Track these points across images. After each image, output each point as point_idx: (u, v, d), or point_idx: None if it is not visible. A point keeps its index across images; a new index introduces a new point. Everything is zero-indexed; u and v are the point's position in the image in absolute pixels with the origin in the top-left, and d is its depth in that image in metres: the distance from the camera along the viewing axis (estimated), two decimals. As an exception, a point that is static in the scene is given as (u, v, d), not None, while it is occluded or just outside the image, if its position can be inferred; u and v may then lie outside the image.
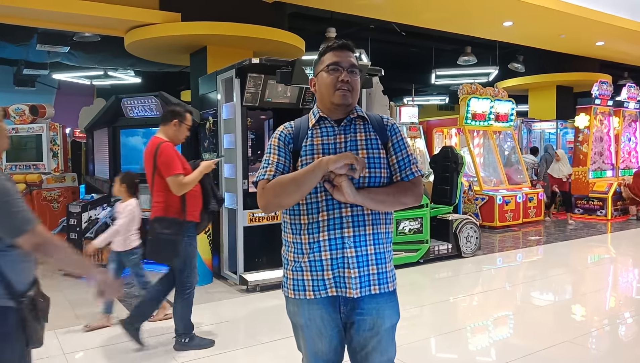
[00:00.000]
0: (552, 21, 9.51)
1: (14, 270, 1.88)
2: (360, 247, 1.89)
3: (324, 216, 1.89)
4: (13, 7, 6.65)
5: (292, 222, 1.96)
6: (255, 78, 5.64)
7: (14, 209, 1.82)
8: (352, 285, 1.88)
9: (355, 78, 1.96)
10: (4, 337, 1.88)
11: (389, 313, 1.96)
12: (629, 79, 15.72)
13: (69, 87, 14.96)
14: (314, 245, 1.90)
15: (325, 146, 1.94)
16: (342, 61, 1.94)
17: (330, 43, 2.00)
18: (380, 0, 8.10)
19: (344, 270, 1.88)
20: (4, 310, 1.86)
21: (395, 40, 12.77)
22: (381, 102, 6.61)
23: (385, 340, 1.96)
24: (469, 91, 10.37)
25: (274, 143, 1.98)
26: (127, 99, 6.96)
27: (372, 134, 1.98)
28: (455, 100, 12.36)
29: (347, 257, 1.88)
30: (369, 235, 1.91)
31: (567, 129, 13.27)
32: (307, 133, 1.97)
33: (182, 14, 7.51)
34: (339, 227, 1.88)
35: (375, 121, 2.01)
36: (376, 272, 1.92)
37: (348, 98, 1.93)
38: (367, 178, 1.90)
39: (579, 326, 4.64)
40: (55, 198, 8.05)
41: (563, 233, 9.34)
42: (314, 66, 2.05)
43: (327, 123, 1.97)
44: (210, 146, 6.28)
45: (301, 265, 1.93)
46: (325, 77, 1.95)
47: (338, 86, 1.92)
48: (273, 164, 1.93)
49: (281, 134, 2.00)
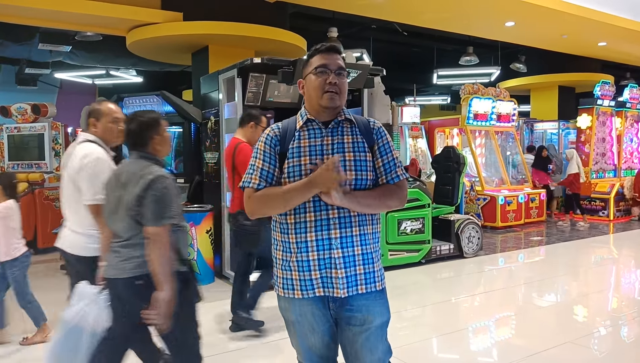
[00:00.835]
0: (554, 21, 9.50)
1: (181, 242, 2.51)
2: (347, 248, 1.92)
3: (311, 217, 1.92)
4: (15, 6, 6.66)
5: (281, 222, 2.00)
6: (257, 78, 5.63)
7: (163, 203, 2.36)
8: (340, 285, 1.92)
9: (343, 80, 1.98)
10: (185, 296, 2.44)
11: (378, 310, 1.99)
12: (631, 79, 15.69)
13: (71, 86, 14.97)
14: (302, 244, 1.93)
15: (312, 148, 1.96)
16: (329, 63, 1.96)
17: (318, 46, 2.02)
18: (381, 0, 8.09)
19: (331, 270, 1.92)
20: (179, 274, 2.43)
21: (397, 40, 12.75)
22: (383, 102, 6.59)
23: (374, 337, 1.97)
24: (471, 91, 10.36)
25: (260, 146, 2.01)
26: (128, 98, 6.97)
27: (359, 137, 2.00)
28: (457, 100, 12.36)
29: (334, 258, 1.91)
30: (356, 236, 1.94)
31: (569, 130, 13.24)
32: (295, 135, 1.99)
33: (184, 13, 7.51)
34: (326, 228, 1.91)
35: (362, 124, 2.04)
36: (363, 272, 1.95)
37: (336, 101, 1.96)
38: (353, 180, 1.93)
39: (581, 327, 4.63)
40: (57, 196, 8.01)
41: (565, 234, 9.32)
42: (302, 68, 2.06)
43: (314, 125, 1.99)
44: (212, 146, 6.28)
45: (289, 264, 1.97)
46: (313, 79, 1.97)
47: (326, 88, 1.94)
48: (257, 170, 1.97)
49: (267, 137, 2.02)
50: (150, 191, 2.34)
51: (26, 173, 8.03)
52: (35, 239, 7.79)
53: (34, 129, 8.24)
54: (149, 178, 2.35)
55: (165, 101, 6.72)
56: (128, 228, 2.41)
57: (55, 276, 6.37)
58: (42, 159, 8.19)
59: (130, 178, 2.40)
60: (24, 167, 8.28)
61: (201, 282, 5.77)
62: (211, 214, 5.96)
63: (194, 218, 5.80)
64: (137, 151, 2.51)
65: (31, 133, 8.26)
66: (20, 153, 8.38)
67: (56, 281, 6.16)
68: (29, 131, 8.26)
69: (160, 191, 2.35)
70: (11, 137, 8.38)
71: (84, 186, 2.78)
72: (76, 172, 2.81)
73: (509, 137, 11.47)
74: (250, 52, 7.93)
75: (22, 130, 8.29)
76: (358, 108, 6.32)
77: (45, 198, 7.89)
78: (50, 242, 7.77)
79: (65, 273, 3.25)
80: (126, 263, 2.40)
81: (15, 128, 8.33)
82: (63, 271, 6.44)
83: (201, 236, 5.81)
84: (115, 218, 2.46)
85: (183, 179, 6.86)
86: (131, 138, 2.52)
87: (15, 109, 8.26)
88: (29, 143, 8.34)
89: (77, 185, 2.81)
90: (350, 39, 12.05)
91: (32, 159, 8.28)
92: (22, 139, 8.35)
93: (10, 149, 8.39)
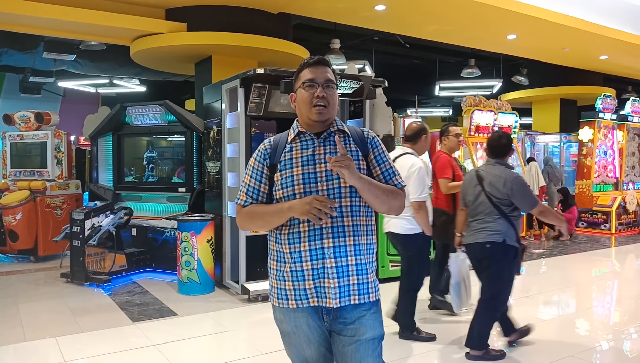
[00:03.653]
0: (556, 35, 9.54)
1: (519, 227, 3.83)
2: (341, 258, 1.92)
3: (304, 227, 1.93)
4: (20, 15, 6.72)
5: (276, 231, 2.01)
6: (260, 88, 5.66)
7: (528, 192, 3.80)
8: (332, 295, 1.91)
9: (332, 93, 1.99)
10: (514, 263, 3.86)
11: (371, 323, 1.97)
12: (632, 93, 15.72)
13: (75, 95, 15.03)
14: (295, 254, 1.93)
15: (304, 158, 1.97)
16: (316, 77, 1.98)
17: (307, 59, 2.04)
18: (384, 13, 8.14)
19: (324, 280, 1.91)
20: (514, 249, 3.77)
21: (399, 52, 12.81)
22: (384, 113, 6.61)
23: (364, 349, 1.95)
24: (473, 103, 10.36)
25: (251, 163, 2.06)
26: (131, 107, 7.00)
27: (353, 146, 2.02)
28: (459, 112, 12.37)
29: (327, 267, 1.91)
30: (350, 246, 1.94)
31: (571, 142, 13.24)
32: (286, 146, 2.00)
33: (187, 24, 7.57)
34: (319, 238, 1.91)
35: (355, 134, 2.06)
36: (356, 283, 1.94)
37: (324, 114, 1.97)
38: (347, 188, 1.93)
39: (582, 341, 4.60)
40: (58, 204, 8.06)
41: (567, 247, 9.29)
42: (293, 82, 2.08)
43: (306, 136, 2.01)
44: (214, 155, 6.29)
45: (283, 274, 1.97)
46: (302, 93, 1.99)
47: (314, 102, 1.96)
48: (245, 187, 2.04)
49: (258, 152, 2.06)
50: (515, 186, 3.72)
51: (28, 181, 8.05)
52: (36, 247, 7.79)
53: (37, 137, 8.27)
54: (512, 177, 3.77)
55: (168, 110, 6.75)
56: (483, 210, 3.79)
57: (55, 284, 6.35)
58: (45, 167, 8.21)
59: (495, 178, 3.79)
60: (26, 175, 8.30)
61: (201, 292, 5.79)
62: (212, 223, 5.96)
63: (195, 227, 5.80)
64: (495, 159, 3.94)
65: (34, 141, 8.29)
66: (22, 160, 8.41)
67: (56, 289, 6.14)
68: (32, 139, 8.29)
69: (521, 185, 3.76)
70: (14, 145, 8.41)
71: (411, 188, 3.97)
72: (406, 177, 3.91)
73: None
74: (253, 62, 7.98)
75: (25, 138, 8.32)
76: (360, 119, 6.34)
77: (47, 205, 7.90)
78: (51, 250, 7.79)
79: None
80: (479, 233, 3.78)
81: (18, 136, 8.36)
82: (63, 279, 6.44)
83: (202, 246, 5.80)
84: (476, 204, 3.86)
85: (184, 189, 6.87)
86: (496, 149, 3.94)
87: (18, 117, 8.29)
88: (31, 151, 8.37)
89: None
90: (352, 50, 12.12)
91: (34, 167, 8.30)
92: (25, 146, 8.38)
93: (12, 156, 8.42)
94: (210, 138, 6.37)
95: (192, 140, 6.83)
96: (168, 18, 7.67)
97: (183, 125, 6.77)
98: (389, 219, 4.27)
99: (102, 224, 6.40)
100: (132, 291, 6.00)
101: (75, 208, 7.26)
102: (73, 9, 6.87)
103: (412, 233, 4.13)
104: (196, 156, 6.87)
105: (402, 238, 4.20)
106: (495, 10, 8.06)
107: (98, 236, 6.32)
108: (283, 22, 8.22)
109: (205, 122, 6.61)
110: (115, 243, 6.51)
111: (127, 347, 4.21)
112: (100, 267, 6.50)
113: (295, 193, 1.93)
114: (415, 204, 4.03)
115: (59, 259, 7.15)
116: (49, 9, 6.74)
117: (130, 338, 4.44)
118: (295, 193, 1.93)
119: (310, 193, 1.91)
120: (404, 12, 8.33)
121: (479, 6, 7.83)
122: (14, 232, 7.64)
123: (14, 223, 7.62)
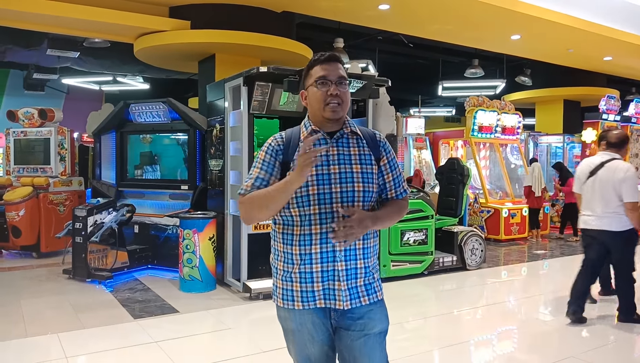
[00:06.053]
0: (560, 35, 9.52)
1: None
2: (350, 261, 1.94)
3: (316, 229, 1.92)
4: (25, 12, 6.74)
5: (284, 232, 1.99)
6: (263, 86, 5.66)
7: None
8: (342, 297, 1.93)
9: (345, 90, 1.97)
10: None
11: (379, 317, 2.00)
12: (636, 94, 15.67)
13: (78, 92, 15.08)
14: (306, 256, 1.93)
15: (317, 157, 1.95)
16: (329, 74, 1.94)
17: (318, 55, 1.99)
18: (387, 12, 8.14)
19: (334, 283, 1.93)
20: None
21: (402, 51, 12.81)
22: (388, 113, 6.60)
23: (372, 342, 1.97)
24: (476, 104, 10.37)
25: (261, 156, 2.00)
26: (135, 104, 7.01)
27: (366, 150, 2.01)
28: (462, 112, 12.36)
29: (338, 270, 1.92)
30: (359, 249, 1.96)
31: (574, 143, 13.22)
32: (299, 145, 1.97)
33: (191, 22, 7.58)
34: (330, 241, 1.91)
35: (368, 137, 2.04)
36: (364, 284, 1.98)
37: (339, 112, 1.95)
38: (361, 192, 1.94)
39: (584, 341, 4.59)
40: (61, 201, 8.08)
41: (569, 248, 9.28)
42: (303, 79, 2.04)
43: (319, 136, 1.98)
44: (216, 153, 6.30)
45: (291, 275, 1.96)
46: (315, 91, 1.95)
47: (328, 100, 1.93)
48: (253, 178, 1.97)
49: (270, 146, 2.01)
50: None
51: (31, 177, 8.07)
52: (39, 243, 7.81)
53: (40, 133, 8.29)
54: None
55: (171, 108, 6.75)
56: None
57: (57, 281, 6.38)
58: (48, 163, 8.23)
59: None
60: (30, 171, 8.32)
61: (203, 289, 5.80)
62: (214, 221, 5.97)
63: (197, 225, 5.81)
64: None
65: (37, 138, 8.32)
66: (26, 157, 8.43)
67: (58, 285, 6.16)
68: (35, 136, 8.32)
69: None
70: (17, 141, 8.43)
71: (624, 190, 4.55)
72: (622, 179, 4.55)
73: (513, 149, 11.45)
74: (256, 61, 7.99)
75: (28, 134, 8.35)
76: (363, 118, 6.34)
77: (50, 202, 7.92)
78: (53, 246, 7.82)
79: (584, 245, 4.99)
80: None
81: (21, 132, 8.38)
82: (65, 275, 6.46)
83: (204, 243, 5.81)
84: None
85: (187, 186, 6.88)
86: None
87: (22, 114, 8.32)
88: (35, 147, 8.39)
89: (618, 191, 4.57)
90: (356, 49, 12.11)
91: (37, 163, 8.32)
92: (29, 143, 8.41)
93: (16, 153, 8.45)
94: (213, 135, 6.37)
95: (195, 138, 6.84)
96: (172, 16, 7.68)
97: (186, 123, 6.78)
98: (600, 220, 4.71)
99: (104, 221, 6.41)
100: (133, 288, 6.02)
101: (78, 205, 7.27)
102: (77, 6, 6.89)
103: (625, 229, 4.65)
104: (199, 154, 6.88)
105: (619, 235, 4.69)
106: (499, 11, 8.05)
107: (100, 233, 6.33)
108: (286, 20, 8.22)
109: (209, 120, 6.62)
110: (117, 240, 6.53)
111: (128, 344, 4.23)
112: (102, 264, 6.52)
113: (309, 193, 1.90)
114: (629, 205, 4.54)
115: (62, 255, 7.17)
116: (53, 6, 6.76)
117: (131, 335, 4.45)
118: (310, 194, 1.90)
119: (323, 194, 1.89)
120: (408, 12, 8.33)
121: (483, 6, 7.82)
122: (16, 228, 7.67)
123: (16, 219, 7.64)
